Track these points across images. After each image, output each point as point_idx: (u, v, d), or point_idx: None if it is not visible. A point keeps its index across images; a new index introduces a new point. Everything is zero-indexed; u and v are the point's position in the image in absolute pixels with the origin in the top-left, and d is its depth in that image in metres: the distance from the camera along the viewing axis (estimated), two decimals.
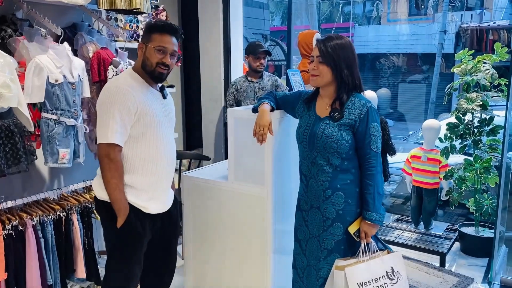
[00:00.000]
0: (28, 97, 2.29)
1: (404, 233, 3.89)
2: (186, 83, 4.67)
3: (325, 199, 2.06)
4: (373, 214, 2.00)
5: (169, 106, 2.17)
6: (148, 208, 2.05)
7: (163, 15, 4.03)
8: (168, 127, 2.13)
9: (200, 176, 2.81)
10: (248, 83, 3.61)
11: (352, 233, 2.05)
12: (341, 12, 12.52)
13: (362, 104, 2.00)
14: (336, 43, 2.00)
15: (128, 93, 1.91)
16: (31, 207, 2.49)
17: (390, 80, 11.98)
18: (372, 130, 2.00)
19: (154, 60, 1.96)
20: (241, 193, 2.60)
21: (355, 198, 2.05)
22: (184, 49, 4.57)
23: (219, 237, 2.74)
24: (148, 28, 2.01)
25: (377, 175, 2.02)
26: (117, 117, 1.89)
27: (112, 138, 1.89)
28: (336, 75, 2.00)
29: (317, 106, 2.13)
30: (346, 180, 2.04)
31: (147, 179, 2.03)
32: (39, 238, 2.39)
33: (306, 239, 2.17)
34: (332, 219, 2.06)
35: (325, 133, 2.01)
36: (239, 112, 2.59)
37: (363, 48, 13.96)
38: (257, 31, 8.65)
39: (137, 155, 1.99)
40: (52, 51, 2.36)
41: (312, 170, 2.09)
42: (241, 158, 2.58)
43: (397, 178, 4.89)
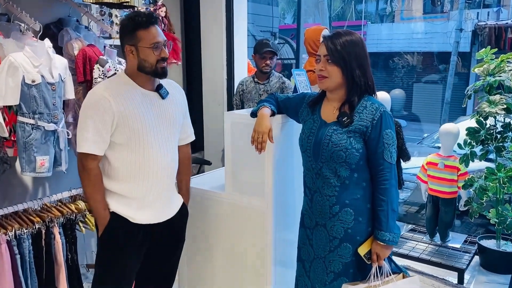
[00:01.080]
0: (1, 100, 2.08)
1: (418, 245, 3.64)
2: (188, 83, 4.45)
3: (332, 216, 1.83)
4: (386, 234, 1.77)
5: (170, 107, 1.98)
6: (136, 218, 1.90)
7: (163, 10, 3.80)
8: (166, 129, 1.95)
9: (196, 185, 2.58)
10: (254, 84, 3.37)
11: (363, 255, 1.82)
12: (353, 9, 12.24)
13: (375, 108, 1.77)
14: (346, 40, 1.77)
15: (103, 100, 1.78)
16: (8, 220, 2.28)
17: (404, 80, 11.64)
18: (386, 138, 1.77)
19: (153, 59, 1.82)
20: (239, 205, 2.37)
21: (366, 215, 1.82)
22: (187, 48, 4.37)
23: (216, 251, 2.53)
24: (129, 27, 1.83)
25: (391, 189, 1.79)
26: (91, 126, 1.79)
27: (84, 148, 1.80)
28: (347, 76, 1.77)
29: (323, 110, 1.90)
30: (355, 194, 1.80)
31: (135, 187, 1.90)
32: (15, 254, 2.18)
33: (311, 260, 1.94)
34: (340, 239, 1.83)
35: (332, 141, 1.77)
36: (236, 115, 2.36)
37: (375, 47, 13.71)
38: (266, 29, 8.42)
39: (123, 162, 1.87)
40: (29, 48, 2.14)
41: (317, 183, 1.86)
42: (239, 167, 2.35)
43: (411, 184, 4.62)
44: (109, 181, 1.89)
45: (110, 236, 1.88)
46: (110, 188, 1.89)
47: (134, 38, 1.81)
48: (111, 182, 1.89)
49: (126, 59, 1.88)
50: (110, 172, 1.88)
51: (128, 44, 1.84)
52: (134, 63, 1.85)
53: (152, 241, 1.99)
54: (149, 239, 1.96)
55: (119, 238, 1.89)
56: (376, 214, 1.79)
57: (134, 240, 1.91)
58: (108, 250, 1.92)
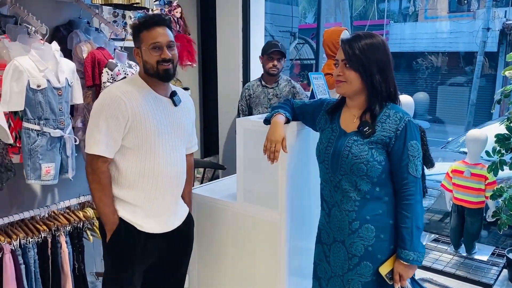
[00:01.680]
0: (6, 105, 2.01)
1: (442, 256, 3.48)
2: (204, 85, 4.37)
3: (352, 233, 1.70)
4: (410, 253, 1.63)
5: (181, 115, 1.94)
6: (143, 226, 1.86)
7: (178, 11, 3.72)
8: (176, 138, 1.91)
9: (207, 193, 2.49)
10: (262, 88, 3.20)
11: (384, 275, 1.69)
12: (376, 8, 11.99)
13: (399, 118, 1.64)
14: (366, 43, 1.64)
15: (118, 100, 1.74)
16: (14, 228, 2.22)
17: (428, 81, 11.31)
18: (411, 149, 1.64)
19: (153, 60, 1.78)
20: (251, 216, 2.26)
21: (388, 232, 1.69)
22: (203, 50, 4.27)
23: (227, 261, 2.44)
24: (135, 31, 1.84)
25: (416, 205, 1.65)
26: (103, 126, 1.74)
27: (95, 149, 1.75)
28: (366, 81, 1.65)
29: (342, 118, 1.77)
30: (377, 210, 1.68)
31: (144, 194, 1.85)
32: (19, 264, 2.12)
33: (327, 278, 1.82)
34: (360, 257, 1.70)
35: (352, 152, 1.65)
36: (249, 122, 2.24)
37: (398, 47, 13.41)
38: (285, 29, 8.27)
39: (132, 168, 1.82)
40: (35, 51, 2.07)
41: (335, 196, 1.74)
42: (251, 177, 2.24)
43: (434, 192, 4.43)
44: (117, 187, 1.84)
45: (116, 242, 1.84)
46: (117, 195, 1.84)
47: (138, 40, 1.81)
48: (118, 188, 1.84)
49: (137, 62, 1.88)
50: (118, 178, 1.83)
51: (136, 46, 1.84)
52: (141, 66, 1.84)
53: (159, 251, 1.93)
54: (155, 248, 1.91)
55: (125, 245, 1.84)
56: (400, 232, 1.66)
57: (139, 248, 1.86)
58: (114, 256, 1.88)
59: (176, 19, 3.68)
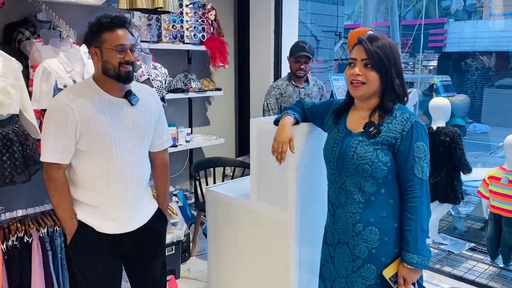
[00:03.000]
0: (36, 103, 2.19)
1: (477, 266, 3.31)
2: (239, 86, 4.43)
3: (355, 235, 1.69)
4: (414, 257, 1.60)
5: (140, 114, 1.89)
6: (102, 228, 1.85)
7: (212, 14, 3.82)
8: (133, 138, 1.87)
9: (223, 191, 2.56)
10: (292, 88, 3.19)
11: (388, 278, 1.66)
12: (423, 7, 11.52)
13: (406, 118, 1.61)
14: (384, 44, 1.62)
15: (66, 107, 1.72)
16: (45, 217, 2.40)
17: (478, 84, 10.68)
18: (417, 151, 1.60)
19: (115, 61, 1.75)
20: (263, 215, 2.30)
21: (393, 235, 1.66)
22: (238, 50, 4.35)
23: (241, 257, 2.50)
24: (94, 29, 1.77)
25: (421, 207, 1.61)
26: (53, 134, 1.74)
27: (47, 157, 1.76)
28: (386, 84, 1.62)
29: (349, 118, 1.75)
30: (381, 212, 1.65)
31: (101, 196, 1.84)
32: (47, 250, 2.29)
33: (332, 279, 1.81)
34: (364, 259, 1.68)
35: (357, 153, 1.63)
36: (262, 122, 2.28)
37: (457, 46, 12.81)
38: (329, 29, 8.16)
39: (87, 171, 1.81)
40: (63, 54, 2.23)
41: (340, 198, 1.73)
42: (263, 176, 2.28)
43: (475, 198, 4.22)
44: (75, 189, 1.85)
45: (76, 244, 1.85)
46: (76, 197, 1.85)
47: (98, 39, 1.76)
48: (77, 191, 1.85)
49: (93, 62, 1.82)
50: (75, 180, 1.84)
51: (93, 46, 1.78)
52: (99, 66, 1.79)
53: (124, 250, 1.94)
54: (120, 248, 1.91)
55: (85, 247, 1.86)
56: (404, 234, 1.63)
57: (100, 249, 1.87)
58: (77, 259, 1.90)
59: (210, 21, 3.79)
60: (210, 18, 3.80)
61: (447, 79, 10.56)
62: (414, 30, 7.19)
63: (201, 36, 3.69)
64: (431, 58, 12.79)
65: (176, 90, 3.56)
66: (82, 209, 1.85)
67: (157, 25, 3.41)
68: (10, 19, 2.47)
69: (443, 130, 3.42)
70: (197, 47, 3.70)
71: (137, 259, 1.99)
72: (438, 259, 3.46)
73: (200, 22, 3.70)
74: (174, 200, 3.48)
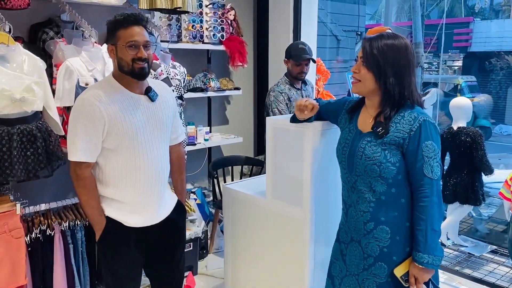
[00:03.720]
0: (59, 101, 2.26)
1: (498, 268, 3.25)
2: (259, 85, 4.46)
3: (367, 233, 1.69)
4: (425, 256, 1.59)
5: (160, 109, 1.94)
6: (130, 222, 1.90)
7: (231, 14, 3.86)
8: (156, 133, 1.92)
9: (239, 188, 2.59)
10: (295, 91, 3.15)
11: (399, 277, 1.65)
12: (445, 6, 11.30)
13: (413, 118, 1.60)
14: (386, 44, 1.60)
15: (93, 106, 1.77)
16: (67, 211, 2.48)
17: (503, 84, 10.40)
18: (426, 150, 1.58)
19: (128, 58, 1.79)
20: (278, 213, 2.31)
21: (404, 234, 1.66)
22: (257, 50, 4.38)
23: (256, 254, 2.51)
24: (111, 27, 1.82)
25: (431, 206, 1.60)
26: (81, 133, 1.78)
27: (76, 156, 1.80)
28: (379, 83, 1.62)
29: (360, 118, 1.75)
30: (393, 212, 1.65)
31: (127, 192, 1.89)
32: (68, 243, 2.36)
33: (342, 277, 1.82)
34: (375, 257, 1.68)
35: (365, 153, 1.64)
36: (278, 121, 2.29)
37: (483, 46, 12.53)
38: (350, 28, 8.09)
39: (114, 168, 1.86)
40: (85, 53, 2.30)
41: (352, 197, 1.74)
42: (279, 174, 2.29)
43: (497, 200, 4.13)
44: (101, 186, 1.89)
45: (105, 240, 1.90)
46: (103, 194, 1.90)
47: (114, 37, 1.80)
48: (103, 188, 1.89)
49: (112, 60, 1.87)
50: (101, 177, 1.88)
51: (110, 43, 1.82)
52: (115, 64, 1.84)
53: (149, 242, 1.98)
54: (145, 240, 1.96)
55: (114, 242, 1.91)
56: (414, 234, 1.63)
57: (128, 243, 1.92)
58: (106, 254, 1.95)
59: (229, 21, 3.83)
60: (230, 18, 3.84)
61: (472, 80, 10.34)
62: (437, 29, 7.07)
63: (221, 36, 3.73)
64: (456, 58, 12.56)
65: (196, 89, 3.61)
66: (110, 205, 1.90)
67: (177, 25, 3.47)
68: (35, 19, 2.56)
69: (464, 130, 3.37)
70: (216, 46, 3.75)
71: (160, 250, 2.04)
72: (458, 261, 3.41)
73: (220, 22, 3.75)
74: (193, 197, 3.53)
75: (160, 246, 2.03)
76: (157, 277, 2.12)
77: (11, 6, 2.05)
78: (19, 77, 2.04)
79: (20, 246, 2.14)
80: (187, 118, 3.52)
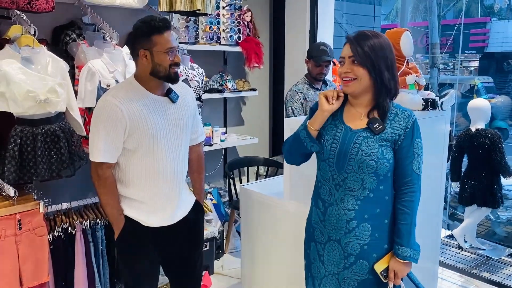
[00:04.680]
0: (81, 102, 2.30)
1: None
2: (274, 86, 4.47)
3: (348, 232, 1.68)
4: (407, 250, 1.64)
5: (180, 110, 1.96)
6: (148, 221, 1.94)
7: (248, 15, 3.88)
8: (176, 134, 1.94)
9: (257, 189, 2.61)
10: (314, 91, 3.16)
11: (379, 272, 1.67)
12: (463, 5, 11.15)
13: (407, 116, 1.67)
14: (374, 42, 1.63)
15: (115, 108, 1.79)
16: (88, 210, 2.52)
17: None
18: (417, 147, 1.67)
19: (166, 63, 1.82)
20: (296, 213, 2.32)
21: (384, 231, 1.69)
22: (274, 51, 4.39)
23: (273, 254, 2.53)
24: (144, 32, 1.81)
25: (416, 202, 1.68)
26: (103, 134, 1.81)
27: (97, 157, 1.84)
28: (375, 78, 1.63)
29: (346, 114, 1.73)
30: (376, 209, 1.67)
31: (146, 192, 1.92)
32: (89, 242, 2.40)
33: (321, 278, 1.79)
34: (356, 255, 1.69)
35: (362, 149, 1.63)
36: (296, 122, 2.29)
37: (500, 46, 12.37)
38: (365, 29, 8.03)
39: (134, 168, 1.90)
40: (107, 55, 2.34)
41: (335, 195, 1.70)
42: (297, 175, 2.30)
43: None
44: (121, 186, 1.93)
45: (124, 239, 1.93)
46: (123, 193, 1.93)
47: (148, 42, 1.80)
48: (123, 187, 1.92)
49: (137, 63, 1.87)
50: (122, 177, 1.92)
51: (143, 48, 1.82)
52: (147, 68, 1.83)
53: (166, 242, 2.01)
54: (162, 240, 1.99)
55: (132, 241, 1.94)
56: (398, 229, 1.66)
57: (146, 242, 1.95)
58: (124, 252, 1.99)
59: (246, 23, 3.85)
60: (246, 20, 3.87)
61: (488, 80, 10.20)
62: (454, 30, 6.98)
63: (237, 37, 3.76)
64: (472, 59, 12.40)
65: (212, 90, 3.64)
66: (129, 204, 1.93)
67: (195, 26, 3.51)
68: (58, 22, 2.60)
69: (483, 132, 3.34)
70: (232, 48, 3.77)
71: (178, 250, 2.06)
72: (476, 264, 3.39)
73: (236, 23, 3.77)
74: (209, 197, 3.56)
75: (178, 245, 2.05)
76: (175, 276, 2.14)
77: (36, 9, 2.09)
78: (43, 79, 2.08)
79: (43, 244, 2.18)
80: (203, 119, 3.55)
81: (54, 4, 2.17)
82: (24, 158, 2.10)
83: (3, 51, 2.06)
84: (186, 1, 2.49)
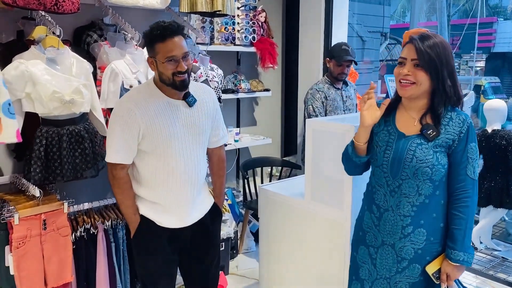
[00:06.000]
0: (104, 103, 2.31)
1: None
2: (287, 87, 4.47)
3: (403, 237, 1.69)
4: (461, 254, 1.63)
5: (197, 114, 1.95)
6: (162, 222, 1.95)
7: (262, 16, 3.88)
8: (192, 138, 1.94)
9: (277, 190, 2.61)
10: (334, 90, 3.17)
11: (431, 274, 1.68)
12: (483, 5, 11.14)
13: (462, 120, 1.63)
14: (436, 43, 1.58)
15: (130, 112, 1.82)
16: (108, 210, 2.53)
17: None
18: (471, 152, 1.64)
19: (168, 72, 1.80)
20: (318, 215, 2.33)
21: (439, 235, 1.68)
22: (286, 51, 4.39)
23: (293, 256, 2.53)
24: (148, 40, 1.81)
25: (472, 207, 1.65)
26: (118, 136, 1.85)
27: (112, 158, 1.88)
28: (436, 84, 1.60)
29: (398, 120, 1.72)
30: (432, 214, 1.66)
31: (160, 193, 1.95)
32: (110, 242, 2.41)
33: (372, 280, 1.80)
34: (409, 260, 1.69)
35: (417, 156, 1.62)
36: (318, 123, 2.31)
37: (507, 46, 12.34)
38: (375, 29, 8.04)
39: (148, 169, 1.92)
40: (129, 56, 2.35)
41: (390, 201, 1.70)
42: (319, 176, 2.31)
43: None
44: (137, 186, 1.96)
45: (139, 238, 1.96)
46: (138, 193, 1.96)
47: (152, 50, 1.81)
48: (139, 188, 1.96)
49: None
50: (138, 178, 1.95)
51: (150, 56, 1.84)
52: (156, 75, 1.86)
53: (182, 243, 2.02)
54: (177, 241, 2.00)
55: (147, 240, 1.96)
56: (452, 233, 1.65)
57: (160, 242, 1.96)
58: (140, 251, 2.00)
59: (260, 23, 3.85)
60: (261, 20, 3.87)
61: (495, 80, 10.17)
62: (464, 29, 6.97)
63: (252, 37, 3.76)
64: (479, 59, 12.38)
65: (227, 90, 3.65)
66: (144, 204, 1.96)
67: (210, 27, 3.51)
68: (79, 23, 2.61)
69: (499, 133, 3.33)
70: (247, 48, 3.78)
71: (193, 251, 2.07)
72: (492, 265, 3.37)
73: (251, 24, 3.77)
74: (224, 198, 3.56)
75: (193, 247, 2.06)
76: (190, 278, 2.15)
77: (63, 11, 2.10)
78: (68, 80, 2.10)
79: (67, 244, 2.20)
80: None
81: (79, 5, 2.18)
82: (50, 159, 2.11)
83: (28, 52, 2.07)
84: (207, 2, 2.50)
